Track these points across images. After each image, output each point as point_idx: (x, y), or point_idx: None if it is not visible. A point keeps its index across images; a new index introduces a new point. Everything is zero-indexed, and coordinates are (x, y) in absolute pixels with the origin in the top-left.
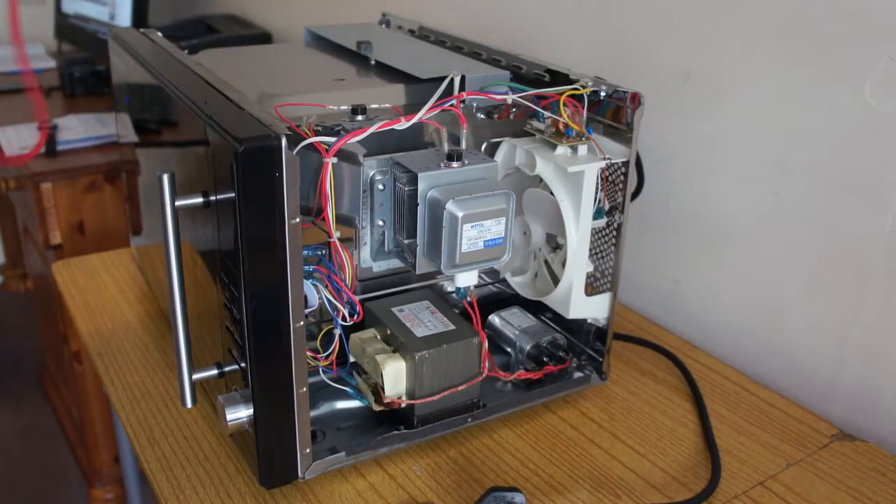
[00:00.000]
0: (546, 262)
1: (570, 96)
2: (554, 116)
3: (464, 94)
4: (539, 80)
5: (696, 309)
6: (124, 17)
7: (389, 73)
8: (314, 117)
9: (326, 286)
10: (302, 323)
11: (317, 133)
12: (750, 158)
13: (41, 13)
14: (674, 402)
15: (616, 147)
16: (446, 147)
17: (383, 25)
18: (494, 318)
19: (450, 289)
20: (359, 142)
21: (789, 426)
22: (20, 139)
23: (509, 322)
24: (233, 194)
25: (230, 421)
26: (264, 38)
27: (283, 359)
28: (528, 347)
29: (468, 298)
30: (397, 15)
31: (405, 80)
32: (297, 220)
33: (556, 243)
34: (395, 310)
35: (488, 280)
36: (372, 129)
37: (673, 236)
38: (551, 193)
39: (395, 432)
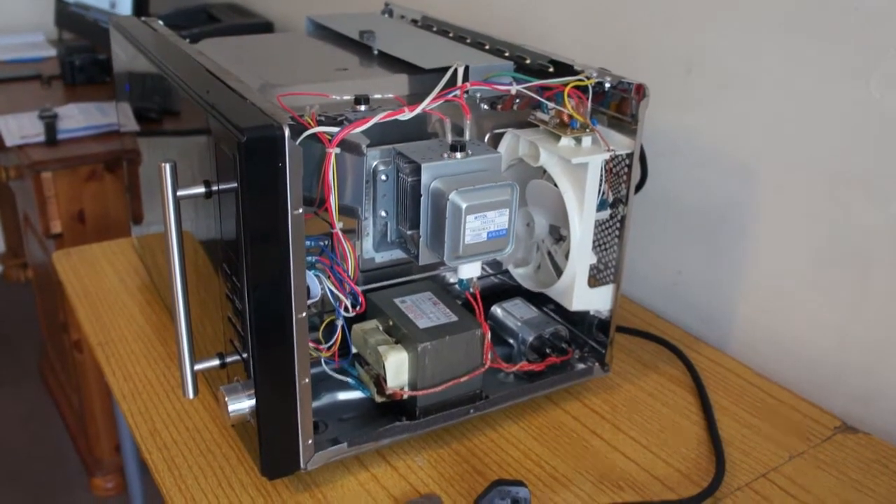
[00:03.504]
0: (549, 253)
1: (574, 87)
2: (558, 107)
3: (467, 84)
4: (543, 70)
5: (698, 301)
6: (125, 6)
7: (392, 63)
8: (317, 107)
9: (329, 277)
10: (304, 314)
11: (319, 123)
12: (753, 151)
13: (42, 1)
14: (676, 393)
15: (620, 139)
16: (450, 138)
17: (386, 15)
18: (497, 310)
19: (452, 280)
20: (362, 132)
21: (792, 418)
22: (21, 128)
23: (512, 313)
24: (235, 184)
25: (232, 412)
26: (266, 27)
27: (285, 349)
28: (530, 339)
29: (471, 290)
30: (400, 4)
31: (408, 71)
32: (300, 210)
33: (559, 235)
34: (397, 301)
35: (491, 271)
36: (375, 120)
37: (676, 228)
38: (555, 185)
39: (398, 423)
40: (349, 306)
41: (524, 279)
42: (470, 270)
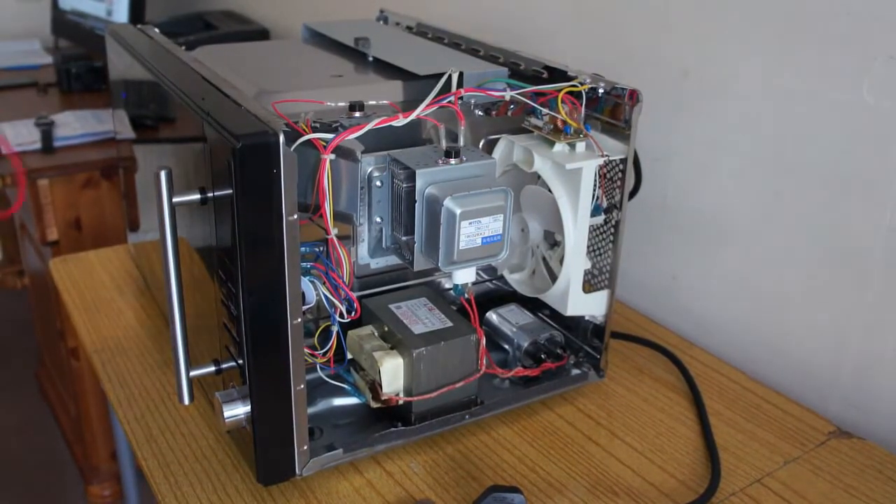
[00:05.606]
0: (544, 259)
1: (568, 93)
2: (552, 113)
3: (462, 90)
4: (537, 76)
5: (693, 306)
6: (121, 13)
7: (387, 69)
8: (312, 114)
9: (324, 283)
10: (300, 320)
11: (314, 130)
12: (748, 156)
13: (38, 9)
14: (671, 399)
15: (614, 144)
16: (444, 144)
17: (381, 22)
18: (492, 315)
19: (447, 285)
20: (357, 138)
21: (787, 423)
22: (17, 135)
23: (507, 319)
24: (230, 191)
25: (227, 418)
26: (262, 34)
27: (280, 356)
28: (525, 344)
29: (466, 295)
30: (395, 11)
31: (403, 77)
32: (295, 216)
33: (553, 240)
34: (392, 307)
35: (486, 277)
36: (370, 126)
37: (671, 233)
38: (549, 190)
39: (393, 429)
40: (344, 312)
41: (519, 285)
42: (465, 276)
